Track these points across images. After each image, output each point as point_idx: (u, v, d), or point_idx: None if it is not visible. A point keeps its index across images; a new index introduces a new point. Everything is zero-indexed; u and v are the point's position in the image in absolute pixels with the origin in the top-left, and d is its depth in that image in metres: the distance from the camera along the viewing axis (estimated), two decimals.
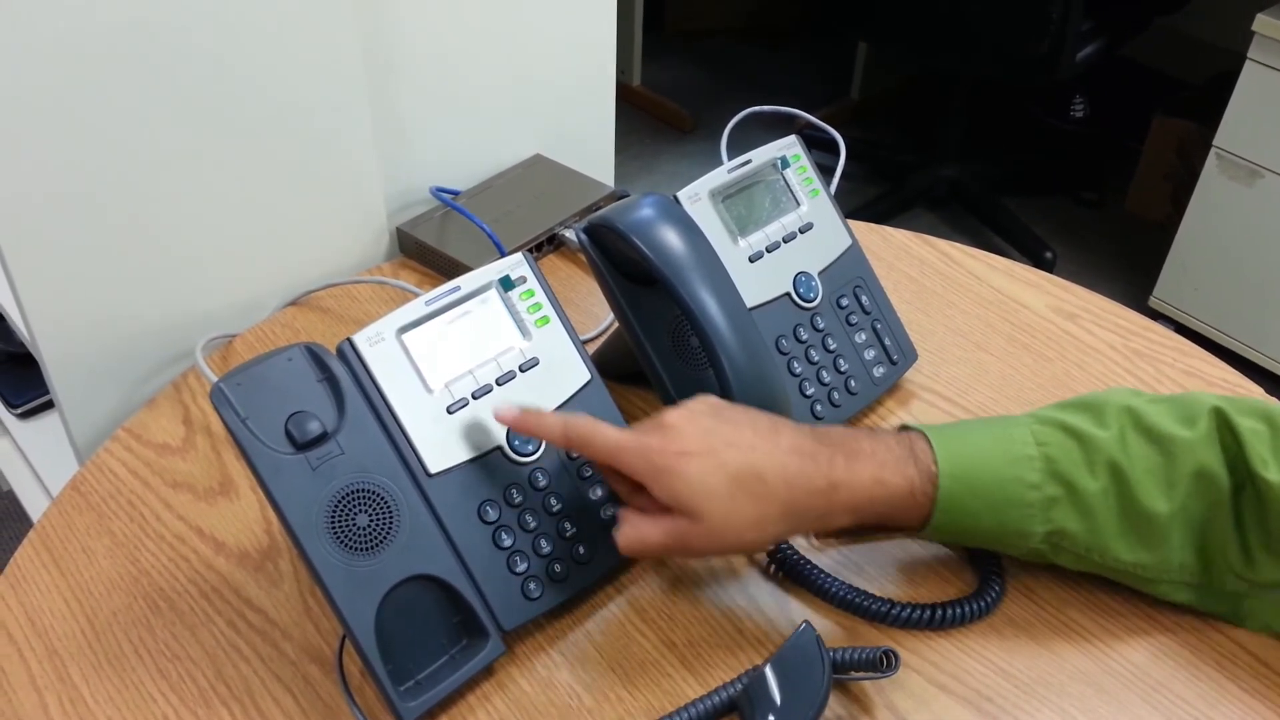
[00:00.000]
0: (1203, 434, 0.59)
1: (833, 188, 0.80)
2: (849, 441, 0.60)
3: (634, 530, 0.58)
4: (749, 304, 0.71)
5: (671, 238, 0.64)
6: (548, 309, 0.66)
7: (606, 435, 0.58)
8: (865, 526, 0.61)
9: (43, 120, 0.70)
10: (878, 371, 0.77)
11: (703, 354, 0.67)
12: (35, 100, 0.69)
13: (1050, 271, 0.93)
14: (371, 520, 0.57)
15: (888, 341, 0.78)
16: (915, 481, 0.59)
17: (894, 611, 0.62)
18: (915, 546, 0.68)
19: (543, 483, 0.63)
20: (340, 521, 0.56)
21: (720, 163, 0.75)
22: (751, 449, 0.57)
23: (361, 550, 0.57)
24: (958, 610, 0.63)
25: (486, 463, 0.62)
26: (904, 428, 0.63)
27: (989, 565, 0.65)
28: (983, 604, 0.63)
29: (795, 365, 0.73)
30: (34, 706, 0.60)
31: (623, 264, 0.67)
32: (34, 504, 1.29)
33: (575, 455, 0.64)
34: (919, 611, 0.62)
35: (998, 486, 0.59)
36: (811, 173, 0.77)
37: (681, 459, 0.56)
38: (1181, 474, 0.59)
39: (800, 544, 0.68)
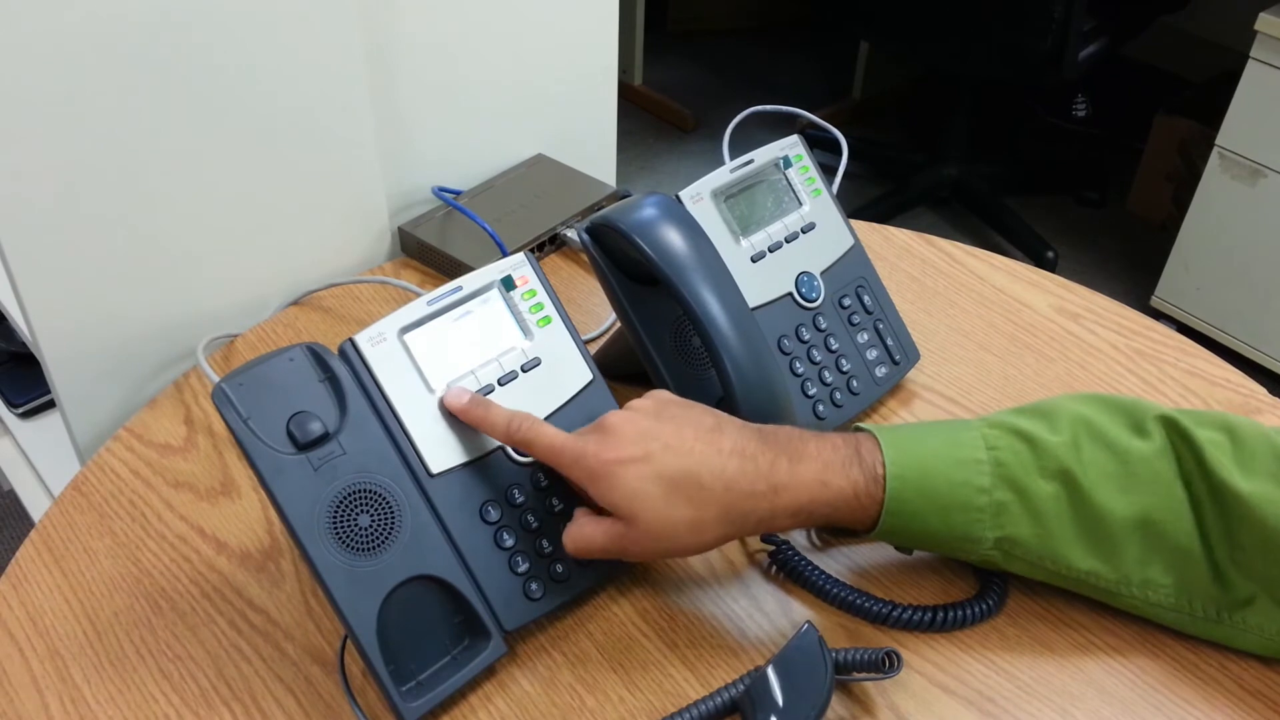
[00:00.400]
0: (1157, 446, 0.59)
1: (835, 187, 0.80)
2: (794, 443, 0.59)
3: (579, 530, 0.59)
4: (751, 304, 0.70)
5: (674, 238, 0.64)
6: (550, 309, 0.66)
7: (547, 437, 0.59)
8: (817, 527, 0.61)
9: (45, 120, 0.70)
10: (880, 372, 0.77)
11: (705, 354, 0.66)
12: (37, 100, 0.69)
13: (1052, 271, 0.93)
14: (373, 521, 0.57)
15: (890, 341, 0.78)
16: (860, 483, 0.59)
17: (895, 613, 0.62)
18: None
19: (544, 483, 0.63)
20: (342, 522, 0.56)
21: (722, 162, 0.75)
22: (689, 453, 0.57)
23: (363, 551, 0.57)
24: (959, 612, 0.62)
25: (488, 463, 0.62)
26: (857, 428, 0.63)
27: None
28: (985, 606, 0.63)
29: (797, 365, 0.73)
30: (35, 707, 0.60)
31: (625, 264, 0.67)
32: (35, 504, 1.29)
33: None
34: (920, 613, 0.62)
35: (946, 490, 0.59)
36: (814, 172, 0.77)
37: (617, 465, 0.57)
38: (1137, 481, 0.58)
39: (802, 545, 0.68)
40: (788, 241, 0.75)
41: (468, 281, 0.64)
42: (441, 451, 0.60)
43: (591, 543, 0.59)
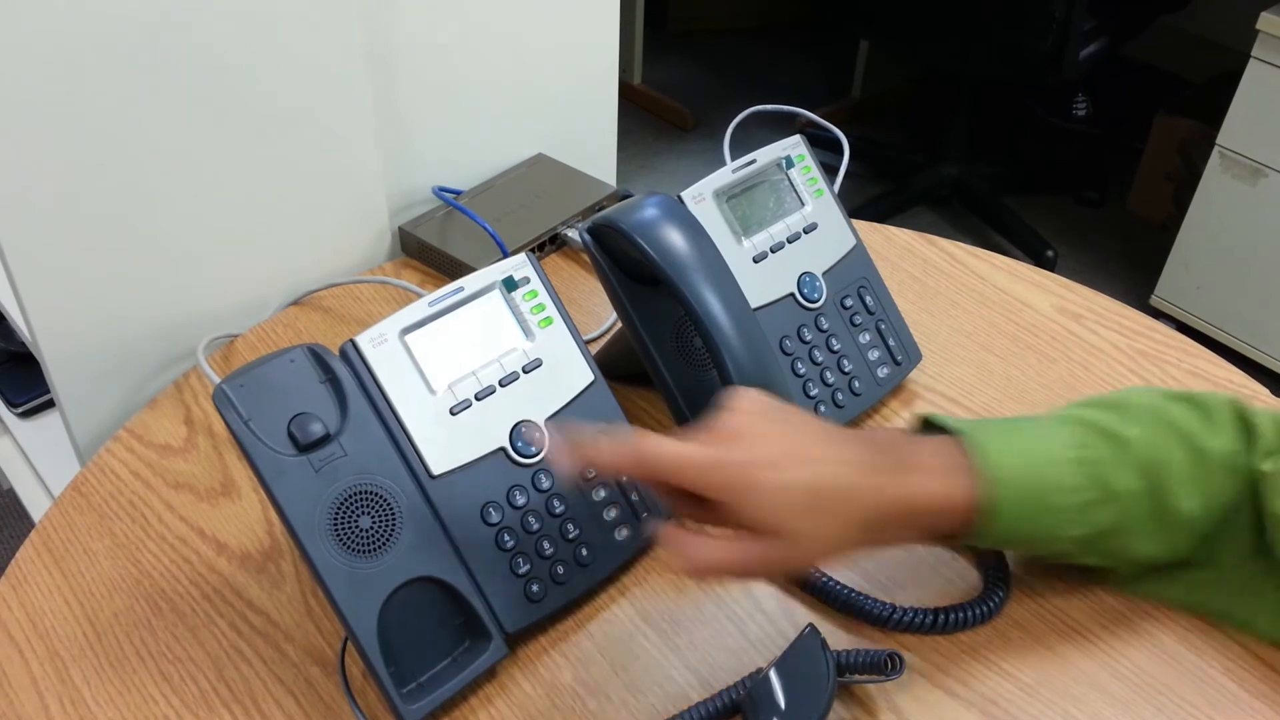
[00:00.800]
0: (1227, 433, 0.60)
1: (836, 187, 0.80)
2: (901, 450, 0.57)
3: (703, 553, 0.52)
4: (753, 304, 0.70)
5: (675, 238, 0.64)
6: (551, 310, 0.66)
7: (673, 449, 0.52)
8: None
9: (44, 119, 0.70)
10: (882, 372, 0.77)
11: (706, 354, 0.66)
12: (38, 100, 0.69)
13: (1052, 270, 0.93)
14: (374, 522, 0.57)
15: (892, 342, 0.78)
16: (960, 491, 0.57)
17: (897, 615, 0.62)
18: (919, 549, 0.68)
19: (546, 484, 0.63)
20: (343, 523, 0.56)
21: (721, 161, 0.75)
22: (823, 460, 0.53)
23: (364, 552, 0.57)
24: (961, 614, 0.62)
25: (489, 464, 0.62)
26: (930, 423, 0.61)
27: (993, 569, 0.65)
28: (986, 608, 0.63)
29: (799, 366, 0.73)
30: (35, 708, 0.60)
31: (626, 264, 0.67)
32: (34, 503, 1.29)
33: None
34: (922, 615, 0.62)
35: (1039, 494, 0.58)
36: (816, 172, 0.77)
37: (759, 472, 0.51)
38: (1210, 471, 0.59)
39: None
40: (789, 242, 0.75)
41: (469, 282, 0.64)
42: (442, 453, 0.60)
43: (722, 563, 0.52)
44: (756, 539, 0.52)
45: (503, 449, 0.62)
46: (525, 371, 0.64)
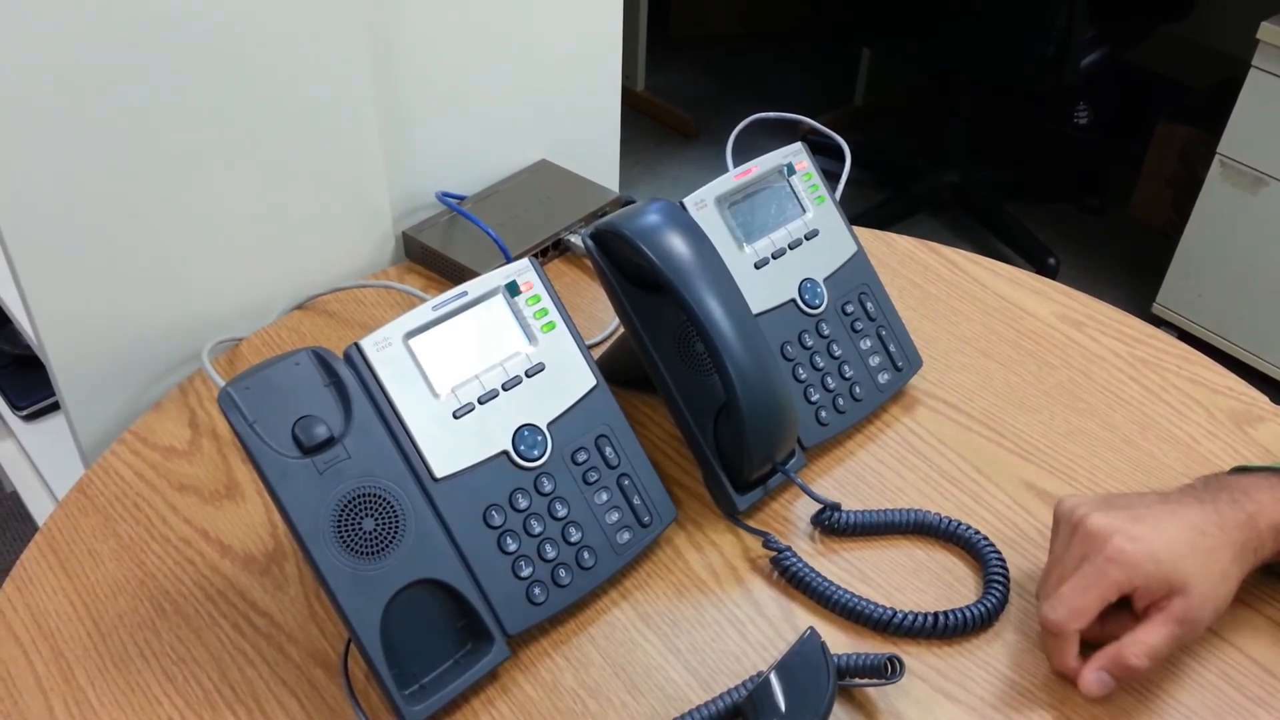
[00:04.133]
0: None
1: (837, 194, 0.80)
2: (1219, 486, 0.62)
3: (1138, 648, 0.57)
4: (754, 310, 0.71)
5: (678, 244, 0.64)
6: (554, 314, 0.66)
7: (1153, 637, 0.57)
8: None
9: (50, 122, 0.70)
10: (882, 378, 0.77)
11: (708, 359, 0.67)
12: (42, 102, 0.69)
13: (1053, 278, 0.93)
14: (377, 525, 0.57)
15: (892, 348, 0.78)
16: None
17: (898, 619, 0.62)
18: (920, 554, 0.68)
19: (548, 488, 0.63)
20: (346, 526, 0.57)
21: (724, 167, 0.75)
22: (1161, 515, 0.59)
23: (367, 554, 0.57)
24: (960, 616, 0.63)
25: (492, 467, 0.62)
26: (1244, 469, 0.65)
27: (993, 571, 0.65)
28: (985, 609, 0.63)
29: (800, 371, 0.73)
30: (40, 709, 0.60)
31: (629, 269, 0.68)
32: (38, 506, 1.30)
33: (581, 460, 0.65)
34: (923, 619, 0.62)
35: None
36: (817, 179, 0.78)
37: (1136, 543, 0.57)
38: None
39: (804, 550, 0.68)
40: (791, 248, 0.75)
41: (472, 287, 0.64)
42: (446, 456, 0.61)
43: (1156, 645, 0.57)
44: (1169, 604, 0.57)
45: (505, 452, 0.62)
46: (528, 376, 0.64)
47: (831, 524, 0.69)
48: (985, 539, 0.67)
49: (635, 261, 0.65)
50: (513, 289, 0.65)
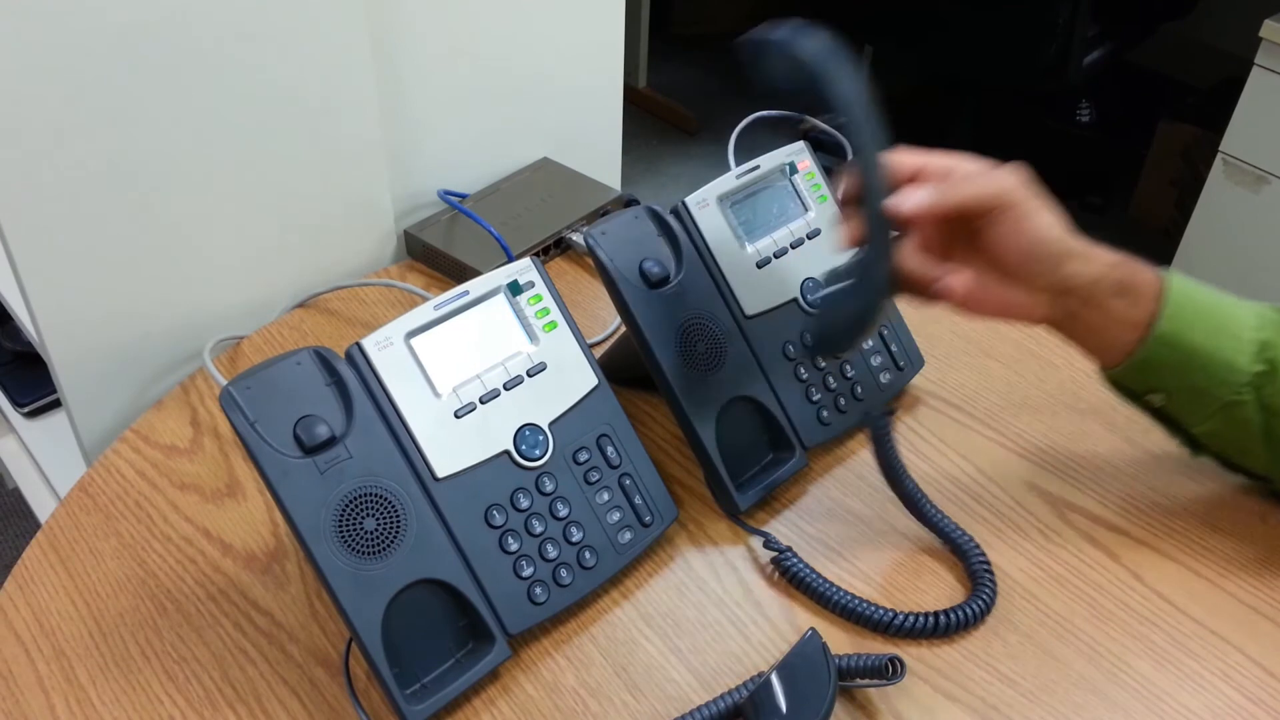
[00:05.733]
0: None
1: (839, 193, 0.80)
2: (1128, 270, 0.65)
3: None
4: (756, 310, 0.71)
5: (854, 84, 0.66)
6: (555, 314, 0.66)
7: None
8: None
9: (53, 120, 0.70)
10: (884, 378, 0.77)
11: (710, 358, 0.67)
12: (44, 100, 0.69)
13: None
14: (379, 524, 0.57)
15: (894, 348, 0.78)
16: (1153, 280, 0.64)
17: (898, 620, 0.62)
18: (918, 553, 0.68)
19: (549, 487, 0.63)
20: (347, 525, 0.57)
21: (726, 165, 0.75)
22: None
23: (368, 554, 0.57)
24: (959, 614, 0.63)
25: (493, 467, 0.62)
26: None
27: (976, 564, 0.65)
28: (980, 604, 0.63)
29: (802, 371, 0.73)
30: (41, 707, 0.60)
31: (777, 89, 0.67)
32: (39, 503, 1.30)
33: (583, 460, 0.65)
34: (923, 620, 0.62)
35: (1219, 310, 0.64)
36: (819, 178, 0.78)
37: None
38: None
39: (805, 552, 0.68)
40: (793, 247, 0.75)
41: (474, 286, 0.64)
42: (447, 455, 0.61)
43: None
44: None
45: (507, 452, 0.62)
46: (529, 375, 0.64)
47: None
48: (962, 531, 0.67)
49: (796, 87, 0.67)
50: (514, 288, 0.65)
